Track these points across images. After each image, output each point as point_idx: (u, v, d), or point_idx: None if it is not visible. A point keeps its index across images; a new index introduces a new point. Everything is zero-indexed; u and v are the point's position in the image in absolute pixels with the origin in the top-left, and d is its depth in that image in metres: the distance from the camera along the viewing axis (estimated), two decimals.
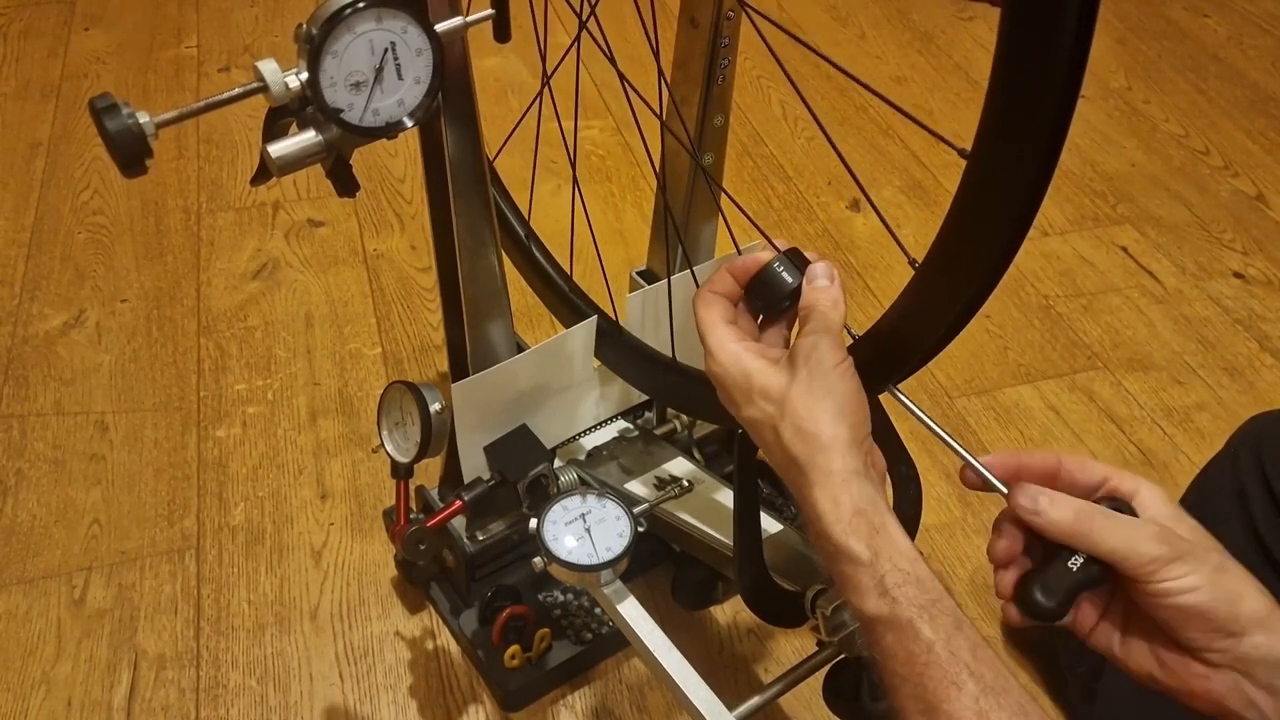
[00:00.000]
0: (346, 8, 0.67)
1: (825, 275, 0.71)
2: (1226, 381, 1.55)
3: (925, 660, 0.57)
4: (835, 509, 0.62)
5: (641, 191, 1.81)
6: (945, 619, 0.58)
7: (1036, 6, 0.51)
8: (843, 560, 0.61)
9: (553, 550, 0.87)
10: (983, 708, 0.55)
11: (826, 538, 0.62)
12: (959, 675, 0.56)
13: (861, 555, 0.60)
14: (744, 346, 0.70)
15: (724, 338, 0.71)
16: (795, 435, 0.65)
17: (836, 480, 0.63)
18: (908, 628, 0.58)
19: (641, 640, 0.87)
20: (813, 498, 0.63)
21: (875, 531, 0.61)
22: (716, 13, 0.95)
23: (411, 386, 0.95)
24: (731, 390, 0.70)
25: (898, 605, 0.59)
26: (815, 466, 0.63)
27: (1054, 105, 0.53)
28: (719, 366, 0.70)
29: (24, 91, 2.02)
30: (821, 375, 0.65)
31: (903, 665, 0.58)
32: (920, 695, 0.57)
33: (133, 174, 0.61)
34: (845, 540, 0.61)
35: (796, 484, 0.65)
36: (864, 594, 0.60)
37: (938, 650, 0.57)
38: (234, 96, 0.65)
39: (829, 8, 2.40)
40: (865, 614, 0.60)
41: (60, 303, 1.58)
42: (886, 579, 0.60)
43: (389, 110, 0.73)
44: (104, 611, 1.20)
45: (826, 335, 0.67)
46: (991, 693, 0.56)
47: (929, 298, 0.66)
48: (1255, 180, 1.95)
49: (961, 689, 0.56)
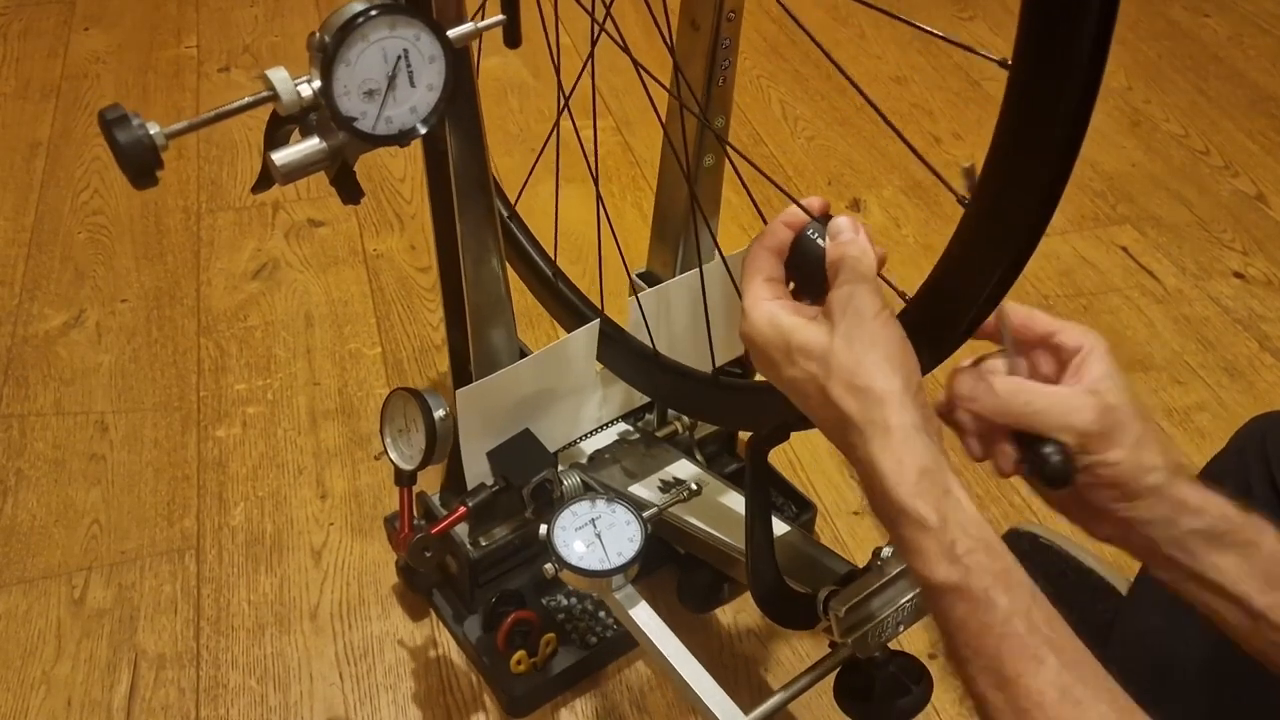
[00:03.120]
0: (359, 15, 0.66)
1: (849, 228, 0.67)
2: (1226, 381, 1.55)
3: (1001, 632, 0.55)
4: (899, 469, 0.58)
5: (641, 192, 1.81)
6: (1021, 589, 0.56)
7: None
8: (907, 524, 0.58)
9: (563, 556, 0.87)
10: (1065, 683, 0.53)
11: (889, 499, 0.59)
12: (1039, 649, 0.54)
13: (929, 519, 0.57)
14: (779, 304, 0.66)
15: (758, 295, 0.67)
16: (846, 391, 0.61)
17: (897, 437, 0.59)
18: (981, 597, 0.55)
19: (654, 645, 0.87)
20: (872, 457, 0.59)
21: (944, 494, 0.58)
22: (717, 14, 0.95)
23: (415, 393, 0.95)
24: (769, 350, 0.65)
25: (970, 574, 0.56)
26: (872, 423, 0.60)
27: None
28: (752, 326, 0.66)
29: (24, 91, 2.01)
30: (863, 325, 0.62)
31: (975, 637, 0.55)
32: (996, 669, 0.54)
33: (143, 185, 0.61)
34: (911, 503, 0.58)
35: (851, 443, 0.61)
36: (932, 561, 0.57)
37: (1015, 622, 0.55)
38: (244, 105, 0.64)
39: (829, 8, 2.40)
40: (933, 582, 0.57)
41: (60, 303, 1.58)
42: (957, 545, 0.57)
43: (402, 118, 0.72)
44: (104, 611, 1.20)
45: (861, 283, 0.64)
46: (1073, 666, 0.54)
47: (981, 238, 0.64)
48: (1255, 180, 1.95)
49: (1043, 663, 0.54)
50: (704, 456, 1.18)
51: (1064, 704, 0.53)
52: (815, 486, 1.35)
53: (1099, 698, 0.54)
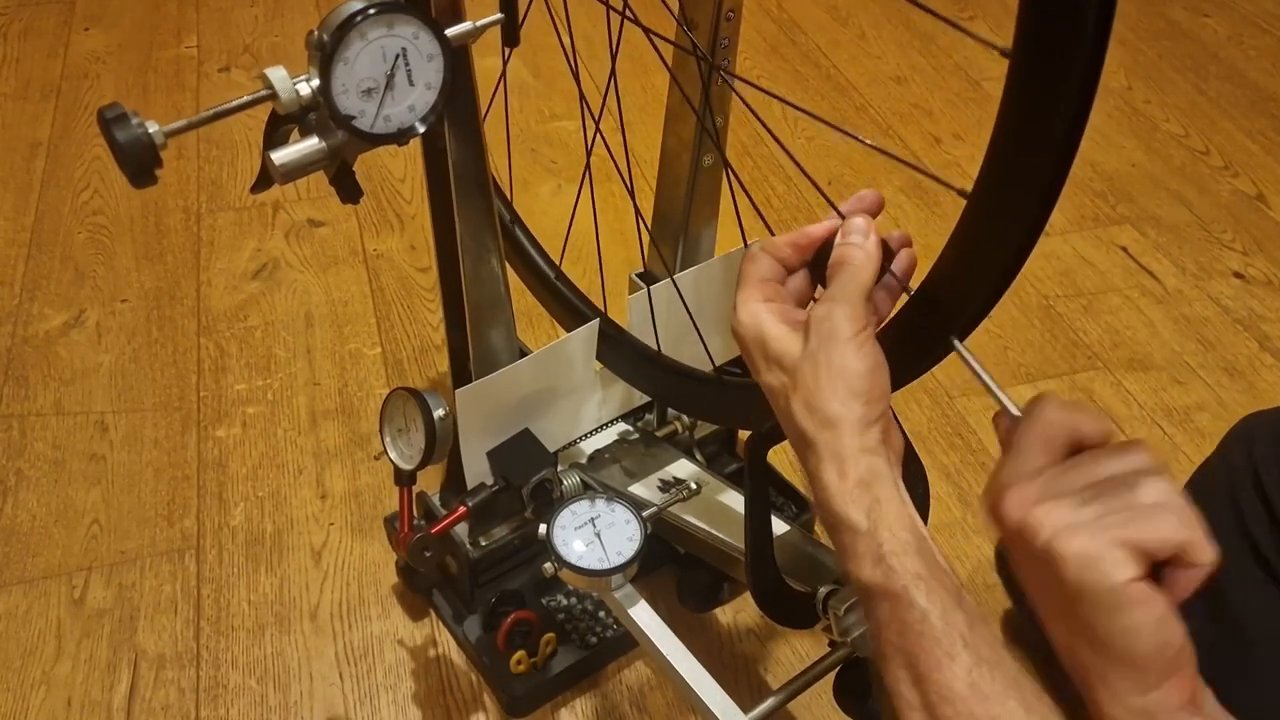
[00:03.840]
0: (358, 14, 0.66)
1: (860, 230, 0.69)
2: (1226, 381, 1.55)
3: (919, 630, 0.56)
4: (839, 481, 0.61)
5: (641, 192, 1.81)
6: (943, 591, 0.57)
7: None
8: (843, 529, 0.60)
9: (563, 555, 0.87)
10: (975, 679, 0.54)
11: (827, 507, 0.61)
12: (953, 646, 0.55)
13: (859, 524, 0.59)
14: (766, 307, 0.68)
15: (749, 295, 0.68)
16: (804, 410, 0.63)
17: (845, 456, 0.61)
18: (902, 595, 0.57)
19: (654, 644, 0.87)
20: (818, 471, 0.62)
21: (877, 502, 0.60)
22: (716, 14, 0.95)
23: (414, 393, 0.95)
24: (751, 351, 0.67)
25: (893, 574, 0.58)
26: (822, 443, 0.62)
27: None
28: (738, 324, 0.68)
29: (24, 91, 2.01)
30: (835, 349, 0.63)
31: (895, 634, 0.57)
32: (911, 664, 0.56)
33: (142, 184, 0.61)
34: (845, 509, 0.60)
35: (804, 457, 0.64)
36: (860, 562, 0.59)
37: (932, 620, 0.56)
38: (243, 104, 0.64)
39: (829, 8, 2.40)
40: (861, 582, 0.59)
41: (60, 303, 1.58)
42: (884, 547, 0.58)
43: (400, 116, 0.72)
44: (104, 611, 1.20)
45: (844, 303, 0.64)
46: (986, 664, 0.55)
47: (983, 231, 0.64)
48: (1255, 180, 1.95)
49: (955, 659, 0.55)
50: (703, 456, 1.18)
51: (973, 698, 0.54)
52: None
53: (1008, 694, 0.55)
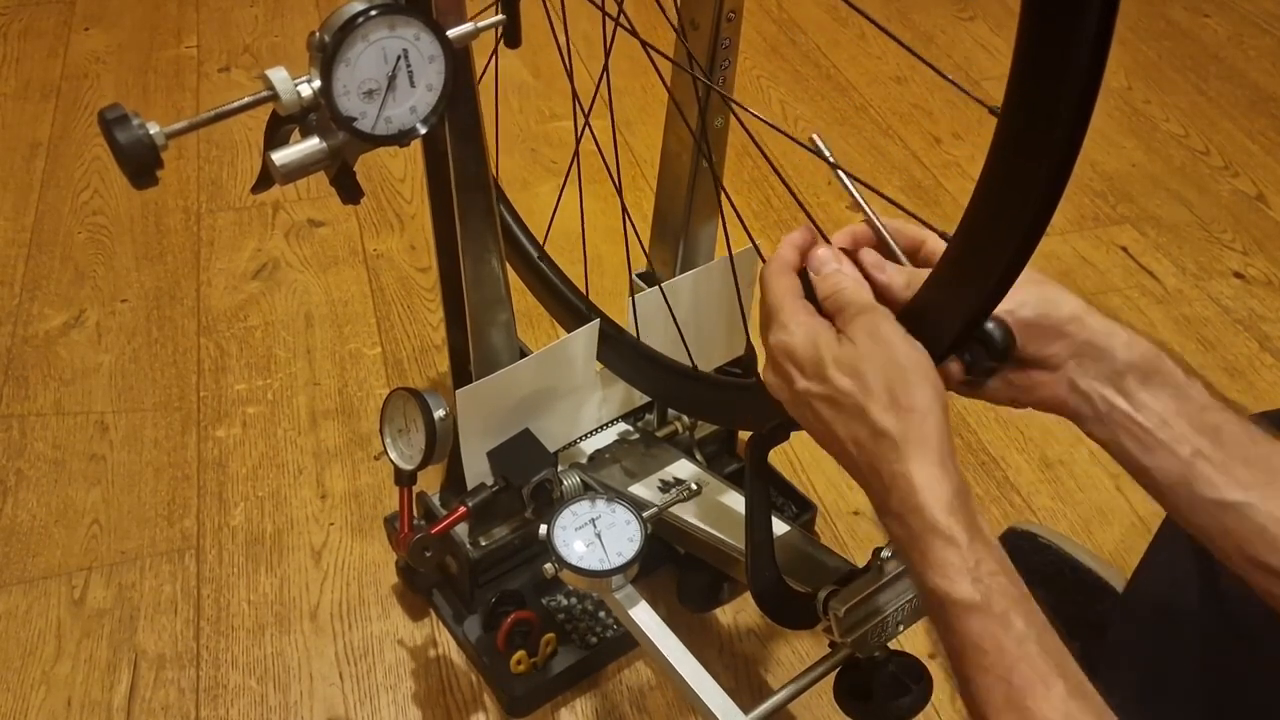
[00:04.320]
0: (359, 15, 0.66)
1: (829, 260, 0.70)
2: (1226, 381, 1.55)
3: (1016, 654, 0.56)
4: (934, 484, 0.60)
5: (641, 191, 1.81)
6: (1036, 616, 0.58)
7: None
8: (935, 538, 0.59)
9: (563, 556, 0.87)
10: (1070, 710, 0.55)
11: (919, 512, 0.60)
12: (1049, 674, 0.56)
13: (959, 537, 0.59)
14: (817, 320, 0.68)
15: (798, 309, 0.69)
16: (886, 409, 0.62)
17: (934, 454, 0.61)
18: (1001, 618, 0.57)
19: (655, 645, 0.87)
20: (909, 472, 0.60)
21: (973, 517, 0.60)
22: (717, 14, 0.95)
23: (415, 393, 0.95)
24: (803, 363, 0.67)
25: (992, 593, 0.58)
26: (910, 440, 0.61)
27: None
28: (791, 336, 0.67)
29: (24, 91, 2.01)
30: (897, 346, 0.64)
31: (988, 657, 0.57)
32: (1004, 689, 0.56)
33: (143, 185, 0.61)
34: (945, 519, 0.59)
35: (884, 459, 0.62)
36: (955, 577, 0.58)
37: (1029, 645, 0.57)
38: (244, 105, 0.64)
39: (829, 8, 2.40)
40: (952, 597, 0.58)
41: (60, 303, 1.58)
42: (981, 565, 0.58)
43: (401, 118, 0.72)
44: (104, 611, 1.20)
45: (878, 312, 0.66)
46: (1077, 696, 0.56)
47: (964, 271, 0.64)
48: (1255, 180, 1.95)
49: (1050, 688, 0.56)
50: (704, 456, 1.18)
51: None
52: (815, 486, 1.35)
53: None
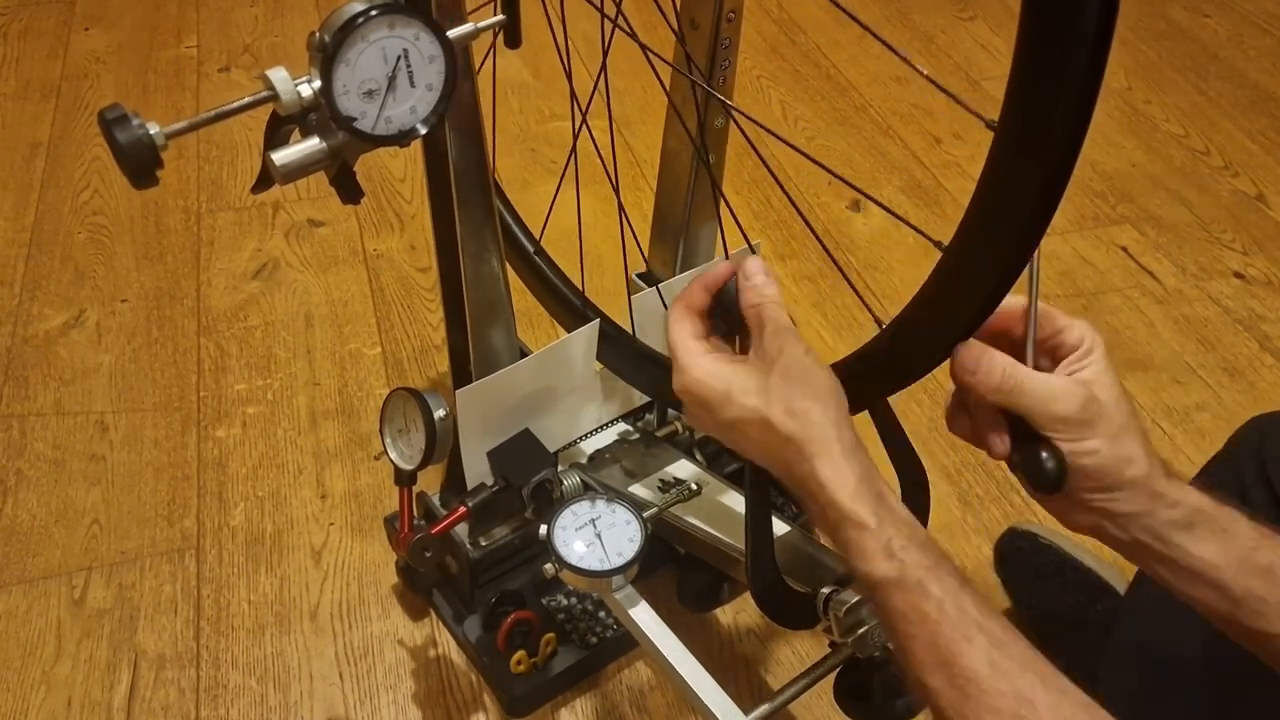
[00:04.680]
0: (359, 16, 0.66)
1: (760, 271, 0.74)
2: (1226, 381, 1.55)
3: (936, 617, 0.59)
4: (839, 476, 0.64)
5: (641, 191, 1.81)
6: (950, 578, 0.61)
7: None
8: (849, 526, 0.64)
9: (563, 556, 0.86)
10: (994, 659, 0.58)
11: (832, 505, 0.64)
12: (969, 630, 0.59)
13: (868, 520, 0.63)
14: (712, 356, 0.73)
15: (694, 352, 0.73)
16: (787, 415, 0.67)
17: (836, 450, 0.65)
18: (916, 587, 0.60)
19: (655, 645, 0.87)
20: (815, 470, 0.65)
21: (880, 497, 0.64)
22: (717, 14, 0.95)
23: (415, 393, 0.95)
24: (709, 398, 0.71)
25: (905, 567, 0.61)
26: (813, 440, 0.66)
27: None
28: (690, 379, 0.72)
29: (24, 91, 2.01)
30: (798, 365, 0.68)
31: (913, 625, 0.60)
32: (933, 651, 0.59)
33: (143, 185, 0.61)
34: (852, 506, 0.63)
35: (793, 462, 0.67)
36: (871, 558, 0.62)
37: (947, 607, 0.60)
38: (244, 105, 0.64)
39: (829, 8, 2.39)
40: (873, 577, 0.62)
41: (60, 303, 1.58)
42: (893, 542, 0.62)
43: (401, 118, 0.72)
44: (104, 611, 1.20)
45: (788, 333, 0.70)
46: (1000, 645, 0.58)
47: (958, 278, 0.67)
48: (1255, 180, 1.95)
49: (973, 642, 0.58)
50: (704, 456, 1.18)
51: (995, 677, 0.57)
52: None
53: (1025, 669, 0.58)
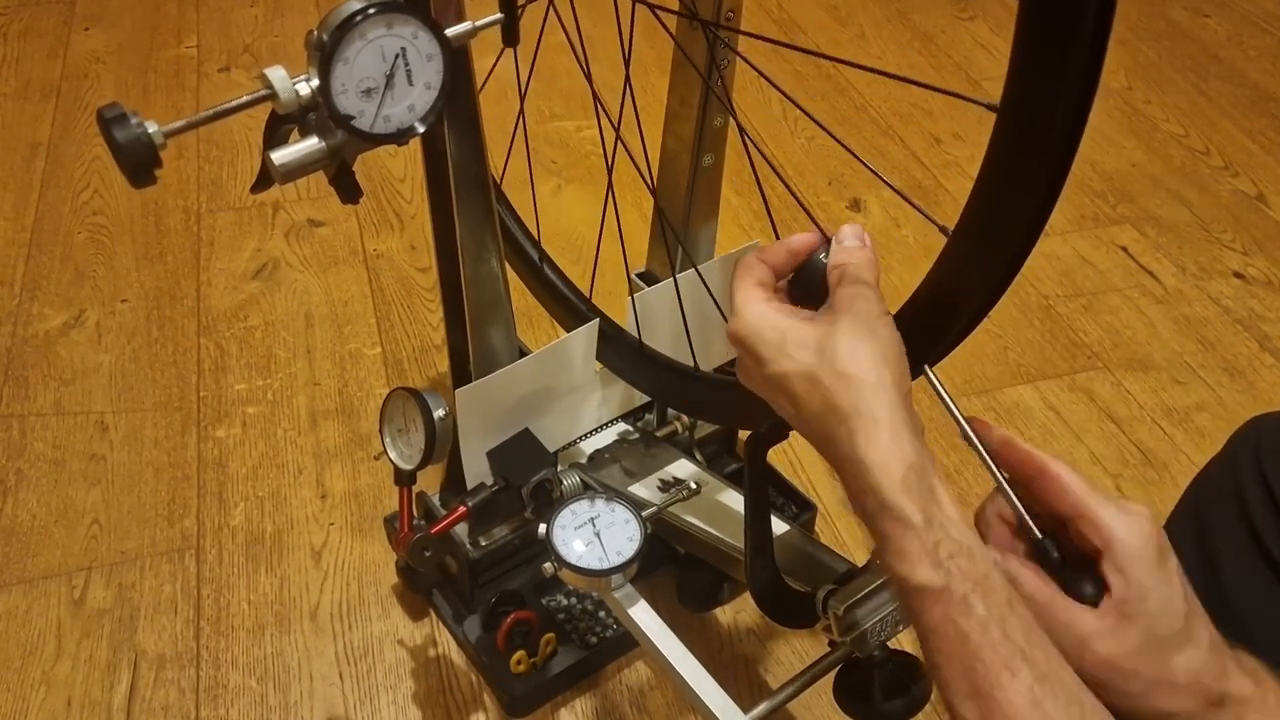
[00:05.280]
0: (357, 14, 0.66)
1: (854, 236, 0.67)
2: (1226, 381, 1.55)
3: (978, 640, 0.53)
4: (886, 463, 0.57)
5: (641, 191, 1.80)
6: (998, 595, 0.55)
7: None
8: (890, 520, 0.56)
9: (563, 555, 0.86)
10: (1037, 696, 0.52)
11: (873, 493, 0.57)
12: (1012, 659, 0.53)
13: (913, 518, 0.56)
14: (772, 304, 0.66)
15: (754, 297, 0.66)
16: (837, 378, 0.59)
17: (885, 429, 0.58)
18: (960, 603, 0.54)
19: (654, 645, 0.87)
20: (858, 448, 0.58)
21: (929, 493, 0.57)
22: (716, 13, 0.95)
23: (414, 393, 0.95)
24: (760, 347, 0.64)
25: (951, 578, 0.54)
26: (860, 413, 0.58)
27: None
28: (744, 323, 0.65)
29: (24, 91, 2.01)
30: (866, 320, 0.61)
31: (950, 643, 0.54)
32: (969, 677, 0.54)
33: (142, 184, 0.61)
34: (897, 500, 0.56)
35: (835, 436, 0.60)
36: (914, 561, 0.56)
37: (992, 630, 0.53)
38: (242, 104, 0.64)
39: (829, 8, 2.40)
40: (912, 582, 0.56)
41: (60, 303, 1.58)
42: (940, 548, 0.55)
43: (400, 116, 0.72)
44: (104, 611, 1.20)
45: (867, 286, 0.63)
46: (1045, 680, 0.53)
47: (965, 265, 0.65)
48: (1255, 180, 1.95)
49: (1015, 674, 0.53)
50: (703, 456, 1.18)
51: (1036, 717, 0.52)
52: (815, 486, 1.35)
53: (1069, 711, 0.53)
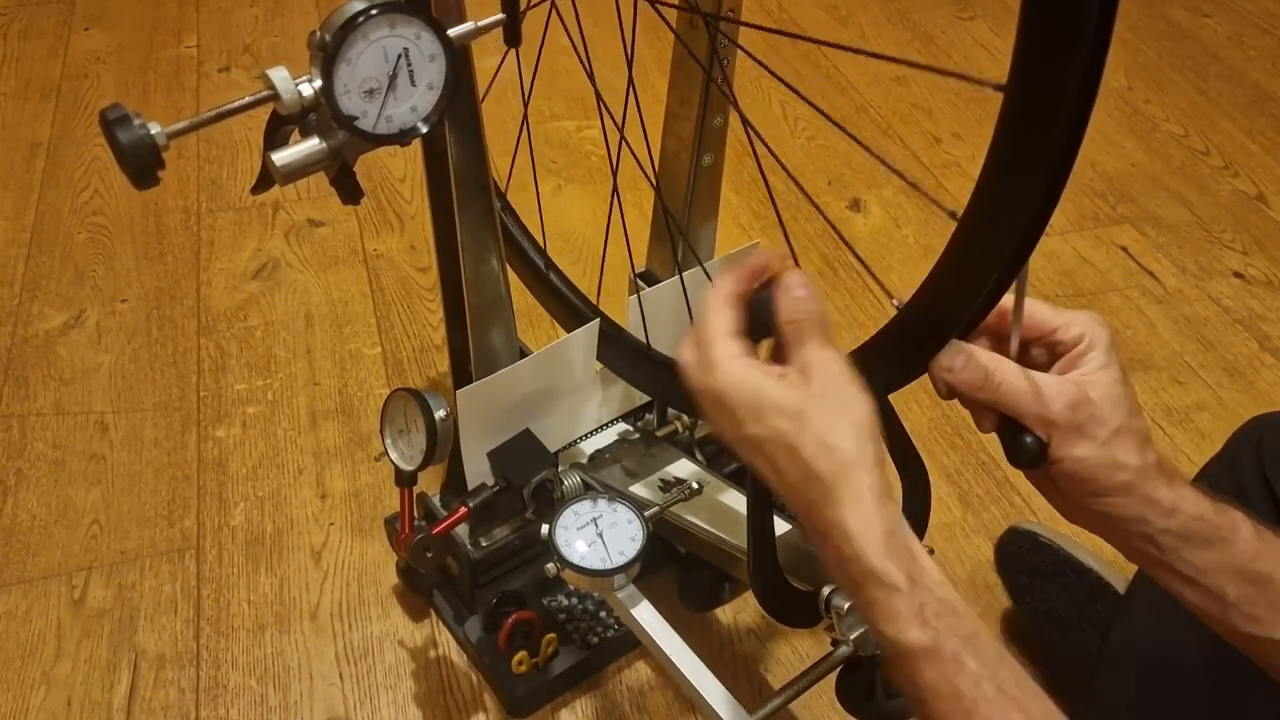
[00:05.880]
0: (360, 15, 0.66)
1: (802, 284, 0.66)
2: (1226, 381, 1.55)
3: (973, 696, 0.55)
4: (868, 530, 0.58)
5: (641, 190, 1.80)
6: (988, 650, 0.56)
7: None
8: (875, 586, 0.58)
9: (565, 556, 0.87)
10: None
11: (857, 560, 0.58)
12: (1008, 712, 0.54)
13: (899, 582, 0.57)
14: (748, 361, 0.65)
15: (729, 351, 0.65)
16: (819, 450, 0.60)
17: (867, 500, 0.59)
18: (952, 660, 0.55)
19: (658, 645, 0.87)
20: (840, 518, 0.59)
21: (910, 556, 0.58)
22: (716, 13, 0.95)
23: (415, 393, 0.95)
24: (734, 408, 0.64)
25: (940, 636, 0.56)
26: (843, 484, 0.59)
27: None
28: (721, 382, 0.64)
29: (24, 91, 2.01)
30: (839, 389, 0.62)
31: (946, 701, 0.55)
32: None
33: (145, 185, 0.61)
34: (882, 564, 0.57)
35: (815, 502, 0.60)
36: (902, 623, 0.57)
37: (985, 685, 0.55)
38: (244, 105, 0.64)
39: (829, 7, 2.40)
40: (902, 644, 0.57)
41: (60, 303, 1.58)
42: (926, 608, 0.56)
43: (402, 117, 0.72)
44: (104, 611, 1.20)
45: (831, 349, 0.64)
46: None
47: (970, 256, 0.65)
48: (1255, 180, 1.95)
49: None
50: (704, 455, 1.18)
51: None
52: None
53: None
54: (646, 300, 1.07)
